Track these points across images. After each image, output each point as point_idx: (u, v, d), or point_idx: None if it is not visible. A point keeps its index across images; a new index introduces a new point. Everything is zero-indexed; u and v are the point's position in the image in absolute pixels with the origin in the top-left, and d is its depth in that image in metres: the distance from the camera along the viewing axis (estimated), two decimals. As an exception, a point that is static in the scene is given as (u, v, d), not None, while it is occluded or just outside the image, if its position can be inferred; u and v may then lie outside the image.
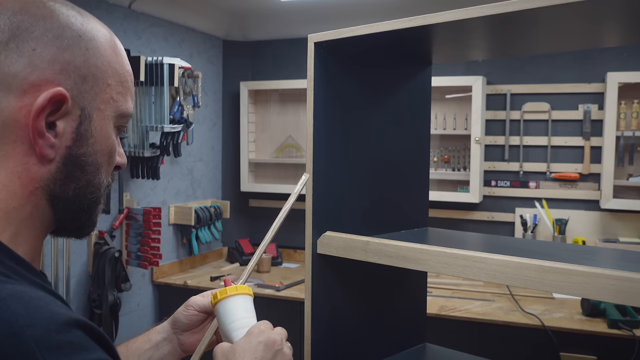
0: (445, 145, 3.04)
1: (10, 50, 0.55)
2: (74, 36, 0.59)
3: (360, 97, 1.13)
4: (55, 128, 0.58)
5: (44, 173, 0.58)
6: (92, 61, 0.60)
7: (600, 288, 0.74)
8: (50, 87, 0.56)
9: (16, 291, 0.50)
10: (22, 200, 0.58)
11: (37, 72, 0.56)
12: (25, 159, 0.57)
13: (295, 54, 3.36)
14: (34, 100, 0.56)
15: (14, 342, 0.46)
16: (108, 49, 0.62)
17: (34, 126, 0.56)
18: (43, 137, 0.57)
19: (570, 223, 2.84)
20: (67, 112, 0.58)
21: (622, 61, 2.76)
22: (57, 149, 0.58)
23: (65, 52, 0.58)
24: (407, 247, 0.96)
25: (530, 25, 0.90)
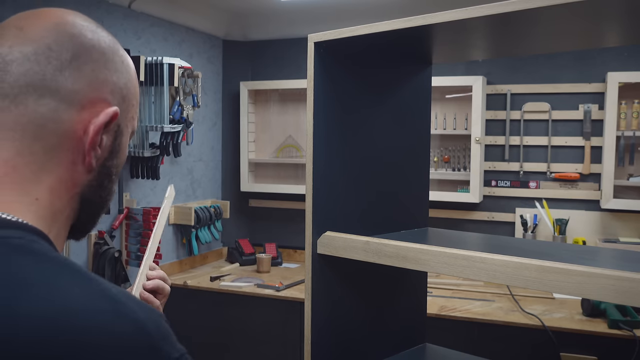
0: (445, 145, 3.04)
1: (72, 69, 0.62)
2: (119, 61, 0.67)
3: (361, 97, 1.13)
4: (101, 142, 0.64)
5: (84, 180, 0.65)
6: (129, 84, 0.68)
7: (600, 288, 0.74)
8: (104, 105, 0.63)
9: (119, 289, 0.56)
10: (65, 203, 0.63)
11: (94, 91, 0.63)
12: (74, 167, 0.63)
13: (295, 54, 3.36)
14: (90, 115, 0.62)
15: (142, 338, 0.52)
16: (134, 73, 0.71)
17: (93, 139, 0.62)
18: (95, 150, 0.63)
19: (571, 223, 2.84)
20: (110, 128, 0.65)
21: (622, 61, 2.76)
22: (99, 160, 0.65)
23: (114, 75, 0.65)
24: (407, 247, 0.96)
25: (530, 25, 0.90)
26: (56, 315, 0.49)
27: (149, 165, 2.72)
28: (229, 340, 2.88)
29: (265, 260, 3.13)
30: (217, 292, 2.85)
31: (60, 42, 0.62)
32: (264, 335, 2.79)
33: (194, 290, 2.89)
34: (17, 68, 0.59)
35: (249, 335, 2.81)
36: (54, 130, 0.61)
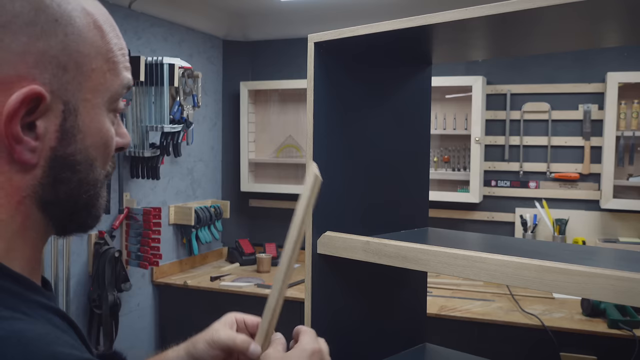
0: (445, 145, 3.04)
1: None
2: (50, 21, 0.51)
3: (360, 97, 1.13)
4: (36, 129, 0.51)
5: (29, 180, 0.52)
6: (73, 47, 0.52)
7: (600, 288, 0.74)
8: (24, 83, 0.49)
9: (14, 331, 0.45)
10: (10, 212, 0.52)
11: (6, 67, 0.49)
12: (6, 168, 0.51)
13: (295, 54, 3.36)
14: (4, 101, 0.49)
15: None
16: (91, 29, 0.54)
17: (7, 132, 0.49)
18: (21, 142, 0.50)
19: (570, 223, 2.84)
20: (47, 109, 0.51)
21: (622, 61, 2.76)
22: (40, 152, 0.52)
23: (39, 41, 0.50)
24: (407, 247, 0.96)
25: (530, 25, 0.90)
26: None
27: (149, 165, 2.72)
28: (229, 340, 2.88)
29: (265, 260, 3.13)
30: (217, 292, 2.85)
31: None
32: (264, 335, 2.79)
33: (194, 290, 2.89)
34: None
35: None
36: None
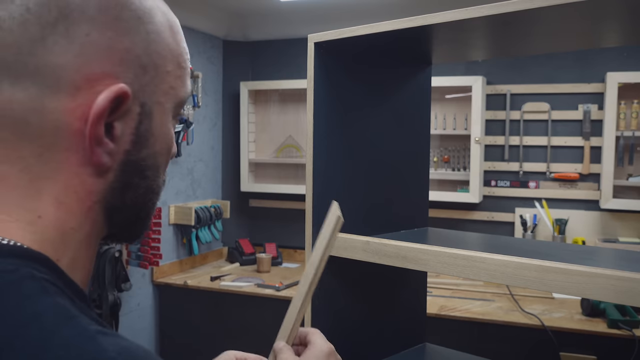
0: (445, 145, 3.04)
1: (58, 34, 0.44)
2: (133, 17, 0.48)
3: (360, 97, 1.13)
4: (113, 131, 0.48)
5: (101, 184, 0.49)
6: (153, 47, 0.50)
7: (600, 288, 0.74)
8: (108, 81, 0.46)
9: (124, 349, 0.42)
10: (80, 218, 0.49)
11: (92, 63, 0.46)
12: (81, 170, 0.48)
13: (295, 54, 3.36)
14: (89, 99, 0.46)
15: None
16: (167, 30, 0.53)
17: (92, 133, 0.46)
18: (101, 145, 0.47)
19: (570, 223, 2.84)
20: (126, 111, 0.48)
21: (622, 61, 2.76)
22: (115, 155, 0.49)
23: (124, 37, 0.48)
24: (407, 247, 0.96)
25: (530, 25, 0.90)
26: None
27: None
28: (229, 340, 2.88)
29: (265, 260, 3.14)
30: (217, 292, 2.85)
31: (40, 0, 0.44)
32: (264, 335, 2.79)
33: (194, 290, 2.89)
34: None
35: (249, 335, 2.81)
36: (40, 125, 0.45)
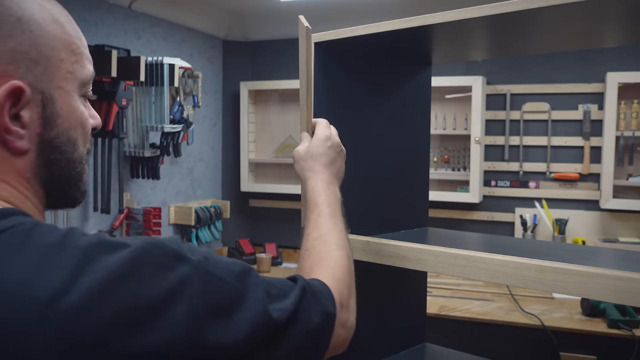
0: (445, 145, 3.04)
1: None
2: (13, 21, 0.56)
3: (360, 97, 1.13)
4: (21, 119, 0.57)
5: (28, 163, 0.59)
6: (39, 42, 0.58)
7: (600, 288, 0.74)
8: (2, 81, 0.55)
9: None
10: (25, 192, 0.60)
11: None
12: (6, 155, 0.58)
13: (295, 54, 3.34)
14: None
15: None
16: (51, 23, 0.60)
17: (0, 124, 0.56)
18: (11, 132, 0.57)
19: (570, 223, 2.84)
20: (28, 100, 0.57)
21: (622, 61, 2.76)
22: (30, 138, 0.59)
23: (8, 40, 0.56)
24: (407, 247, 0.96)
25: (530, 25, 0.90)
26: None
27: (149, 165, 2.72)
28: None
29: (265, 260, 3.13)
30: (217, 292, 2.85)
31: None
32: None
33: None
34: None
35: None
36: None
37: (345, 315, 0.72)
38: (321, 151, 0.91)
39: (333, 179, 0.91)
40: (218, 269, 0.57)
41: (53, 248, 0.51)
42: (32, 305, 0.48)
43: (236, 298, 0.57)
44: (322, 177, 0.90)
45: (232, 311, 0.56)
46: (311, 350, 0.64)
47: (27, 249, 0.51)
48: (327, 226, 0.82)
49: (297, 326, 0.62)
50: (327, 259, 0.77)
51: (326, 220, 0.83)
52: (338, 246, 0.80)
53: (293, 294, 0.64)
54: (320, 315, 0.66)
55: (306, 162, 0.92)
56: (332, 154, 0.92)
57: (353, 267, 0.80)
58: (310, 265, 0.76)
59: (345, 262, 0.78)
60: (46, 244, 0.52)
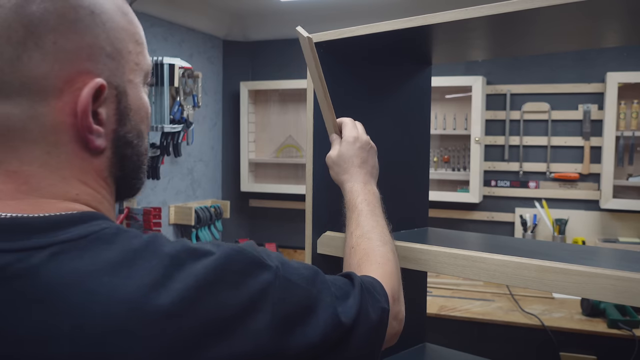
0: (445, 145, 3.04)
1: (30, 49, 0.51)
2: (88, 14, 0.54)
3: (361, 97, 1.13)
4: (99, 116, 0.56)
5: (104, 161, 0.58)
6: (111, 35, 0.56)
7: (600, 288, 0.74)
8: (85, 78, 0.53)
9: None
10: (103, 190, 0.59)
11: (66, 66, 0.52)
12: (85, 155, 0.56)
13: (295, 54, 3.35)
14: (73, 96, 0.53)
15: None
16: (118, 14, 0.58)
17: (82, 125, 0.54)
18: (92, 132, 0.55)
19: (570, 223, 2.84)
20: (105, 97, 0.56)
21: (622, 61, 2.76)
22: (106, 136, 0.57)
23: (86, 35, 0.54)
24: (407, 247, 0.96)
25: (530, 25, 0.90)
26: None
27: (150, 165, 2.72)
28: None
29: (265, 260, 3.13)
30: (217, 292, 2.85)
31: (4, 23, 0.50)
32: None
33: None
34: None
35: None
36: (40, 130, 0.53)
37: (397, 308, 0.74)
38: (352, 153, 0.92)
39: (369, 177, 0.92)
40: (293, 275, 0.58)
41: (139, 252, 0.51)
42: (120, 308, 0.48)
43: (310, 303, 0.58)
44: (358, 178, 0.91)
45: (308, 316, 0.57)
46: (370, 346, 0.65)
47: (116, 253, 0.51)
48: (369, 224, 0.84)
49: (360, 326, 0.63)
50: (374, 254, 0.79)
51: (367, 219, 0.85)
52: (382, 242, 0.81)
53: (354, 293, 0.64)
54: (376, 312, 0.67)
55: (340, 166, 0.93)
56: (363, 154, 0.93)
57: (398, 260, 0.82)
58: (358, 261, 0.78)
59: (391, 257, 0.80)
60: (132, 248, 0.51)
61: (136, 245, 0.52)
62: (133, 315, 0.48)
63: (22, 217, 0.51)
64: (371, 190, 0.91)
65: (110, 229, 0.53)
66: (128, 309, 0.48)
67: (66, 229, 0.51)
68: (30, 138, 0.53)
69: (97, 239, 0.51)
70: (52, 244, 0.50)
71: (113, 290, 0.48)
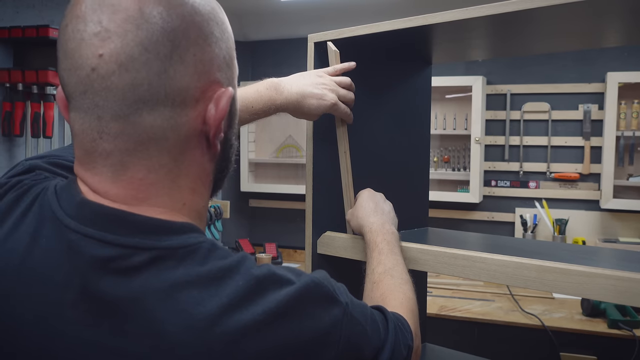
0: (445, 145, 3.04)
1: (176, 63, 0.53)
2: (216, 26, 0.58)
3: (361, 96, 1.13)
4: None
5: (214, 165, 0.61)
6: (229, 45, 0.60)
7: (600, 288, 0.74)
8: (215, 87, 0.57)
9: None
10: (206, 197, 0.61)
11: (202, 77, 0.56)
12: (204, 159, 0.59)
13: (295, 54, 3.36)
14: (205, 104, 0.56)
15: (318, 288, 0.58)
16: (228, 21, 0.62)
17: (216, 132, 0.58)
18: (219, 136, 0.59)
19: (570, 223, 2.84)
20: None
21: (622, 61, 2.76)
22: (219, 139, 0.60)
23: (214, 47, 0.57)
24: (407, 247, 0.96)
25: (530, 25, 0.90)
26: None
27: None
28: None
29: (265, 260, 3.13)
30: (217, 292, 2.85)
31: (153, 38, 0.52)
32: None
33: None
34: (117, 80, 0.52)
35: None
36: (176, 138, 0.55)
37: (418, 343, 0.76)
38: (367, 204, 0.98)
39: (386, 219, 0.96)
40: (358, 313, 0.61)
41: (230, 270, 0.53)
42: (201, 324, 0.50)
43: (363, 343, 0.61)
44: (375, 220, 0.95)
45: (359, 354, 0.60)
46: None
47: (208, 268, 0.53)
48: (390, 261, 0.87)
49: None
50: (397, 291, 0.81)
51: (388, 257, 0.88)
52: (404, 280, 0.84)
53: (391, 328, 0.67)
54: (405, 349, 0.69)
55: (357, 217, 0.98)
56: (379, 202, 0.99)
57: (416, 299, 0.84)
58: (381, 295, 0.81)
59: (411, 295, 0.83)
60: (224, 266, 0.54)
61: (227, 262, 0.54)
62: (211, 332, 0.50)
63: (129, 213, 0.54)
64: (389, 230, 0.94)
65: (206, 243, 0.55)
66: (208, 324, 0.50)
67: (167, 235, 0.54)
68: (165, 147, 0.55)
69: (194, 251, 0.54)
70: (154, 248, 0.53)
71: (198, 305, 0.51)
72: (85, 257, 0.52)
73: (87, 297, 0.52)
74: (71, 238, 0.53)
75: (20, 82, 2.04)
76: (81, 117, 0.54)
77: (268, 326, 0.52)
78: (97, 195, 0.56)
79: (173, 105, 0.54)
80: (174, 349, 0.50)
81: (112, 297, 0.51)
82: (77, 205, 0.55)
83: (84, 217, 0.54)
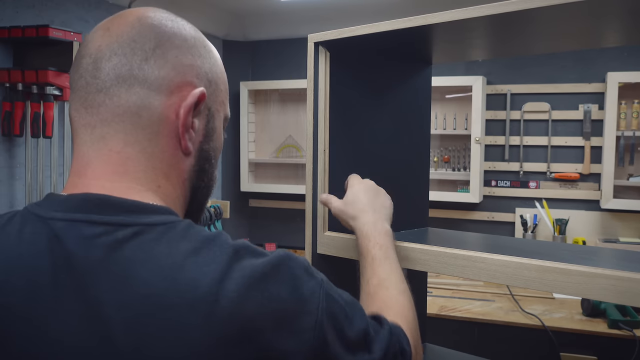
0: (445, 145, 3.04)
1: (157, 56, 0.64)
2: (201, 46, 0.69)
3: (360, 96, 1.13)
4: (193, 125, 0.66)
5: (188, 165, 0.67)
6: (214, 68, 0.70)
7: (600, 288, 0.74)
8: (190, 88, 0.65)
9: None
10: (179, 191, 0.67)
11: (180, 75, 0.65)
12: (176, 152, 0.65)
13: (295, 54, 3.36)
14: (179, 98, 0.64)
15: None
16: (219, 58, 0.73)
17: (184, 122, 0.64)
18: (188, 132, 0.65)
19: (571, 223, 2.84)
20: (200, 111, 0.67)
21: (623, 61, 2.76)
22: (194, 144, 0.67)
23: (197, 59, 0.67)
24: (407, 247, 0.96)
25: (530, 25, 0.90)
26: None
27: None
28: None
29: (265, 260, 3.13)
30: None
31: (142, 34, 0.64)
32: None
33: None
34: (106, 63, 0.62)
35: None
36: (149, 117, 0.63)
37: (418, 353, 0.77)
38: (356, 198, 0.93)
39: (378, 216, 0.91)
40: (335, 293, 0.64)
41: (209, 241, 0.58)
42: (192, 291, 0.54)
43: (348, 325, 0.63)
44: (367, 219, 0.90)
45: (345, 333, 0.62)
46: None
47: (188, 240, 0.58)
48: (384, 270, 0.85)
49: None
50: (392, 304, 0.81)
51: (381, 265, 0.86)
52: (399, 291, 0.83)
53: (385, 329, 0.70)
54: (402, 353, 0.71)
55: (346, 213, 0.93)
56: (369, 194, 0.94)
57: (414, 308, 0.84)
58: (378, 309, 0.80)
59: (408, 306, 0.82)
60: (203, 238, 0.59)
61: (206, 235, 0.59)
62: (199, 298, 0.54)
63: (113, 197, 0.60)
64: (382, 230, 0.89)
65: (184, 222, 0.61)
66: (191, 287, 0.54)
67: (148, 214, 0.60)
68: (138, 123, 0.63)
69: (174, 227, 0.59)
70: (136, 224, 0.58)
71: (181, 269, 0.55)
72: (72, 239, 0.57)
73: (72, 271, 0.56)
74: (58, 226, 0.59)
75: (20, 82, 2.04)
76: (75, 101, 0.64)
77: (250, 290, 0.55)
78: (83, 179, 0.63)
79: (149, 89, 0.63)
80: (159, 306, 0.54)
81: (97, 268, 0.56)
82: (63, 200, 0.61)
83: (70, 206, 0.60)
